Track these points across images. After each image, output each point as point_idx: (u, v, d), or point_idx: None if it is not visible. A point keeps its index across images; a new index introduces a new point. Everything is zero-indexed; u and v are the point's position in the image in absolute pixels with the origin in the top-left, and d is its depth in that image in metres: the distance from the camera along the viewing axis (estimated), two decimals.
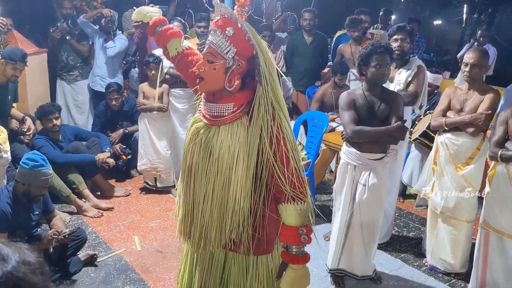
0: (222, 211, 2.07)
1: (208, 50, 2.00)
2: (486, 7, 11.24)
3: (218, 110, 2.03)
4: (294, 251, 2.05)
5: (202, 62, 2.01)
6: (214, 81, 2.01)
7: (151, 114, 4.97)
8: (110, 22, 5.76)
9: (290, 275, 2.06)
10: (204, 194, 2.08)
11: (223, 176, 2.02)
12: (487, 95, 3.42)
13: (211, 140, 2.03)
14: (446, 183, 3.58)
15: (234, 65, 1.98)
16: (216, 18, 2.02)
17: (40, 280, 0.83)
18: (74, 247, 3.55)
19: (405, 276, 3.68)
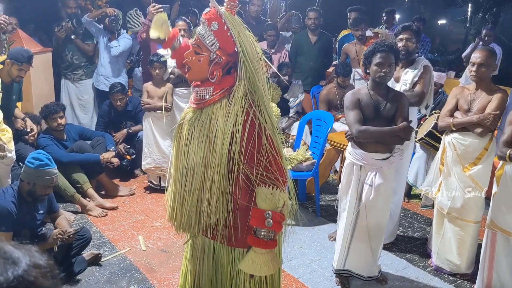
0: (200, 193, 2.15)
1: (195, 41, 2.09)
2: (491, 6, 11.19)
3: (201, 94, 2.14)
4: (262, 235, 2.06)
5: (190, 52, 2.11)
6: (199, 72, 2.12)
7: (155, 114, 4.97)
8: (114, 21, 5.76)
9: (251, 257, 2.09)
10: (186, 176, 2.17)
11: (202, 157, 2.10)
12: (495, 95, 3.40)
13: (194, 122, 2.15)
14: (453, 184, 3.56)
15: (217, 59, 2.07)
16: (206, 10, 2.08)
17: (51, 284, 0.82)
18: (78, 247, 3.55)
19: (411, 277, 3.67)
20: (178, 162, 2.22)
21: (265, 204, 2.05)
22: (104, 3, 6.09)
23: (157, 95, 4.95)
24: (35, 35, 5.93)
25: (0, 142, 3.77)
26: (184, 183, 2.18)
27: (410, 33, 3.80)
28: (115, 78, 5.88)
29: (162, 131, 5.02)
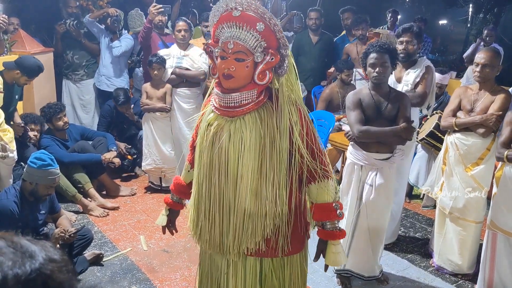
0: (258, 205, 2.01)
1: (236, 48, 1.94)
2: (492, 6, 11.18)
3: (242, 98, 2.00)
4: (329, 227, 2.13)
5: (230, 62, 1.95)
6: (244, 78, 1.98)
7: (155, 115, 4.97)
8: (116, 22, 5.76)
9: (333, 251, 2.14)
10: (235, 190, 2.02)
11: (256, 164, 1.98)
12: (498, 95, 3.39)
13: (239, 131, 2.00)
14: (455, 184, 3.56)
15: (267, 59, 1.95)
16: (235, 13, 1.92)
17: (67, 278, 0.83)
18: (80, 247, 3.56)
19: (412, 277, 3.67)
20: (212, 178, 2.06)
21: (329, 196, 2.12)
22: (106, 3, 6.09)
23: (156, 95, 4.95)
24: (36, 35, 5.93)
25: (2, 142, 3.78)
26: (229, 198, 2.03)
27: (411, 35, 3.79)
28: (117, 78, 5.88)
29: (162, 132, 5.03)
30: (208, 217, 2.10)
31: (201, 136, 2.11)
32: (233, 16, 1.93)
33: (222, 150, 2.02)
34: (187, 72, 5.00)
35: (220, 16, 1.96)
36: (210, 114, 2.10)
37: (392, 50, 3.27)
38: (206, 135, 2.08)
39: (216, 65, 2.03)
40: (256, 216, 2.01)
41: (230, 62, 1.96)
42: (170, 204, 2.53)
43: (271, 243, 2.07)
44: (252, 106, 2.00)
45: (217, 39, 2.01)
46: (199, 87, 5.19)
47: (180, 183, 2.46)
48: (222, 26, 1.97)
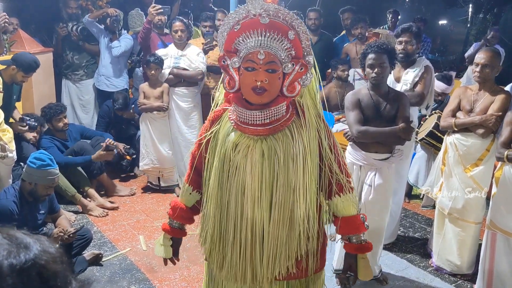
0: (292, 227, 1.89)
1: (268, 59, 1.77)
2: (492, 6, 11.19)
3: (273, 114, 1.85)
4: (355, 241, 2.07)
5: (261, 74, 1.78)
6: (275, 90, 1.83)
7: (152, 114, 4.97)
8: (115, 22, 5.76)
9: (363, 265, 2.10)
10: (270, 215, 1.87)
11: (292, 186, 1.85)
12: (498, 96, 3.38)
13: (272, 151, 1.84)
14: (454, 184, 3.55)
15: (296, 69, 1.82)
16: (263, 20, 1.77)
17: (61, 268, 0.85)
18: (79, 247, 3.56)
19: (411, 277, 3.67)
20: (242, 205, 1.88)
21: (354, 209, 2.06)
22: (105, 4, 6.09)
23: (154, 95, 4.95)
24: (36, 35, 5.93)
25: (1, 142, 3.78)
26: (262, 223, 1.88)
27: (410, 35, 3.79)
28: (116, 78, 5.88)
29: (160, 132, 5.03)
30: (237, 247, 1.92)
31: (222, 158, 1.91)
32: (262, 23, 1.77)
33: (256, 173, 1.85)
34: (185, 72, 5.00)
35: (242, 24, 1.80)
36: (230, 134, 1.91)
37: (390, 50, 3.27)
38: (230, 157, 1.88)
39: (233, 78, 1.86)
40: (290, 239, 1.90)
41: (262, 74, 1.78)
42: (171, 232, 2.22)
43: (301, 264, 1.98)
44: (285, 122, 1.87)
45: (235, 49, 1.84)
46: (197, 86, 5.20)
47: (181, 208, 2.19)
48: (246, 35, 1.79)
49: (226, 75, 1.89)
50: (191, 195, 2.17)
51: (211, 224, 1.98)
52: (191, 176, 2.11)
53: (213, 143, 1.96)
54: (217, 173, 1.92)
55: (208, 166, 1.99)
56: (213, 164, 1.94)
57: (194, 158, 2.09)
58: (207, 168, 2.00)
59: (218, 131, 1.95)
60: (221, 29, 1.90)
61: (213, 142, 1.96)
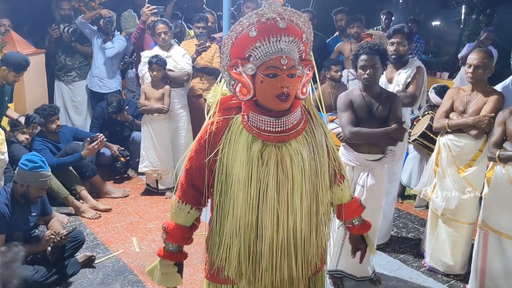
0: (318, 228, 1.92)
1: (290, 63, 1.75)
2: (485, 8, 11.23)
3: (294, 118, 1.85)
4: (358, 222, 2.20)
5: (286, 79, 1.75)
6: (293, 95, 1.83)
7: (153, 116, 4.94)
8: (109, 23, 5.75)
9: (370, 242, 2.23)
10: (301, 222, 1.86)
11: (317, 184, 1.88)
12: (491, 97, 3.39)
13: (297, 156, 1.83)
14: (447, 185, 3.56)
15: (305, 72, 1.84)
16: (281, 24, 1.74)
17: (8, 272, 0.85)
18: (72, 249, 3.54)
19: (404, 277, 3.67)
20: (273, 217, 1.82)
21: (349, 193, 2.19)
22: (98, 5, 6.08)
23: (155, 96, 4.92)
24: (29, 36, 5.92)
25: None
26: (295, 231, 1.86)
27: (402, 36, 3.80)
28: (110, 79, 5.87)
29: (160, 134, 5.00)
30: (274, 256, 1.87)
31: (248, 170, 1.81)
32: (280, 27, 1.74)
33: (289, 180, 1.82)
34: (171, 73, 5.00)
35: (258, 29, 1.73)
36: (253, 144, 1.83)
37: (382, 51, 3.28)
38: (258, 167, 1.81)
39: (248, 85, 1.79)
40: (316, 240, 1.93)
41: (287, 79, 1.75)
42: (173, 257, 2.04)
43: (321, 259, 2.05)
44: (304, 125, 1.88)
45: (248, 55, 1.77)
46: (183, 88, 5.20)
47: (180, 229, 2.02)
48: (264, 40, 1.74)
49: (237, 82, 1.81)
50: (190, 214, 2.01)
51: (237, 242, 1.86)
52: (189, 194, 1.99)
53: (228, 157, 1.85)
54: (242, 187, 1.82)
55: (222, 181, 1.87)
56: (232, 178, 1.84)
57: (190, 175, 1.96)
58: (220, 184, 1.87)
59: (231, 143, 1.85)
60: (230, 35, 1.80)
61: (227, 156, 1.85)
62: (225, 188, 1.87)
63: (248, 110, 1.85)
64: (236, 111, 1.92)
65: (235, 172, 1.83)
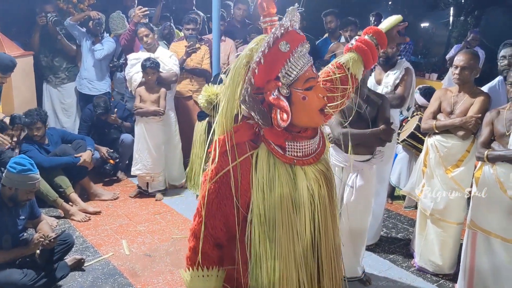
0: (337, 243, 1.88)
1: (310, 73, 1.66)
2: (473, 9, 11.32)
3: (319, 137, 1.78)
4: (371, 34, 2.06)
5: (322, 88, 1.69)
6: None
7: (147, 119, 4.92)
8: (98, 25, 5.72)
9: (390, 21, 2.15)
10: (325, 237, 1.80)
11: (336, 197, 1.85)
12: (478, 98, 3.43)
13: (327, 177, 1.78)
14: (435, 185, 3.59)
15: None
16: (299, 30, 1.66)
17: None
18: (61, 252, 3.51)
19: (394, 277, 3.69)
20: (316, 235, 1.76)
21: None
22: (87, 7, 6.05)
23: (150, 99, 4.90)
24: (17, 38, 5.86)
25: None
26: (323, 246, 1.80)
27: None
28: (99, 81, 5.84)
29: (154, 137, 4.98)
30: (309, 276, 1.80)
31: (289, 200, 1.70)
32: (301, 34, 1.66)
33: (325, 201, 1.75)
34: (160, 74, 4.98)
35: (288, 40, 1.61)
36: (296, 174, 1.72)
37: None
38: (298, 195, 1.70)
39: (288, 110, 1.61)
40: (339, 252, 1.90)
41: (321, 87, 1.68)
42: None
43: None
44: (324, 142, 1.81)
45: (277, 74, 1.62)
46: (170, 91, 5.20)
47: None
48: (296, 53, 1.62)
49: (275, 109, 1.63)
50: (219, 276, 1.82)
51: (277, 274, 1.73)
52: (213, 255, 1.79)
53: (265, 197, 1.69)
54: (291, 220, 1.70)
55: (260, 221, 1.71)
56: (274, 215, 1.69)
57: (213, 236, 1.76)
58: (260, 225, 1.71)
59: (266, 182, 1.68)
60: (257, 57, 1.61)
61: (264, 195, 1.69)
62: (267, 234, 1.70)
63: (284, 139, 1.69)
64: (247, 145, 1.73)
65: (283, 213, 1.69)
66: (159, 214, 4.70)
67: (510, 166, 3.02)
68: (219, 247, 1.79)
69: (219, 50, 5.26)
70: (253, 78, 1.61)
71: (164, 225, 4.46)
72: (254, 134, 1.73)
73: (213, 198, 1.71)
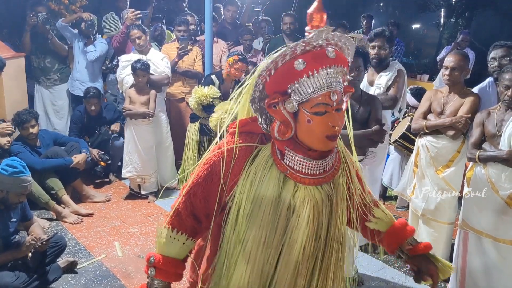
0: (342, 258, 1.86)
1: (339, 98, 1.59)
2: (463, 11, 11.42)
3: (331, 160, 1.69)
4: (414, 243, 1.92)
5: (337, 117, 1.60)
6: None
7: (136, 121, 4.90)
8: (90, 26, 5.71)
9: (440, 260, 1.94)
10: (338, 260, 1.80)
11: (343, 226, 1.79)
12: (467, 98, 3.46)
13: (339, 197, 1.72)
14: (426, 186, 3.61)
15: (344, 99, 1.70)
16: (330, 55, 1.54)
17: None
18: (53, 254, 3.50)
19: (387, 278, 3.71)
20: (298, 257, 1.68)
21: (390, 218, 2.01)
22: (79, 8, 6.03)
23: (140, 101, 4.88)
24: (9, 40, 5.83)
25: None
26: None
27: (383, 40, 3.84)
28: (91, 83, 5.82)
29: (144, 139, 4.96)
30: None
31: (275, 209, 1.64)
32: (330, 57, 1.54)
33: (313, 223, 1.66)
34: (152, 77, 4.98)
35: (305, 60, 1.52)
36: (286, 184, 1.65)
37: (365, 54, 3.32)
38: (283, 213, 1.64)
39: (290, 125, 1.58)
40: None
41: (336, 116, 1.58)
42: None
43: None
44: (338, 164, 1.72)
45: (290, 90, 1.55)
46: (161, 92, 5.20)
47: (174, 262, 1.78)
48: (313, 74, 1.52)
49: (275, 121, 1.61)
50: (185, 245, 1.78)
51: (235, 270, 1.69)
52: (186, 223, 1.76)
53: (249, 195, 1.65)
54: (263, 234, 1.64)
55: (236, 219, 1.68)
56: (251, 220, 1.65)
57: (192, 203, 1.74)
58: (234, 221, 1.68)
59: (256, 179, 1.65)
60: (267, 66, 1.57)
61: (248, 192, 1.65)
62: (239, 228, 1.67)
63: (284, 146, 1.63)
64: (259, 138, 1.71)
65: (259, 215, 1.64)
66: (151, 216, 4.69)
67: (501, 167, 3.05)
68: (195, 218, 1.76)
69: (212, 51, 5.27)
70: (263, 83, 1.59)
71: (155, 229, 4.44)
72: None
73: (206, 168, 1.70)
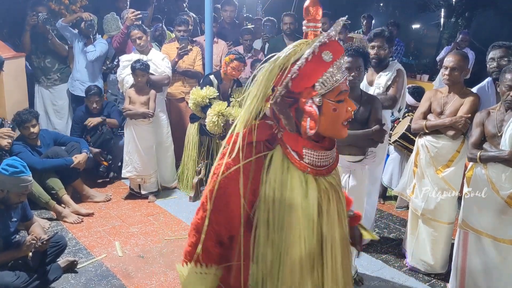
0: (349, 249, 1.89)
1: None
2: (463, 11, 11.42)
3: (333, 155, 1.73)
4: (352, 213, 2.05)
5: (351, 101, 1.68)
6: None
7: (136, 121, 4.90)
8: (90, 26, 5.71)
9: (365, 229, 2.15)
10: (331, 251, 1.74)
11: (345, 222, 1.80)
12: (467, 98, 3.47)
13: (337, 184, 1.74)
14: (426, 185, 3.62)
15: None
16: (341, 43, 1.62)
17: None
18: (53, 254, 3.50)
19: (386, 277, 3.72)
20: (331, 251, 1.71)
21: None
22: (79, 8, 6.04)
23: (139, 101, 4.89)
24: (9, 40, 5.84)
25: None
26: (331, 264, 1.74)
27: (382, 40, 3.84)
28: (91, 83, 5.82)
29: (144, 139, 4.97)
30: None
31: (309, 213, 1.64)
32: (342, 46, 1.63)
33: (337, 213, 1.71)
34: (152, 77, 4.98)
35: (331, 51, 1.59)
36: (307, 183, 1.65)
37: (365, 54, 3.33)
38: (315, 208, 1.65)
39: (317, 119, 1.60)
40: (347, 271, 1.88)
41: (350, 100, 1.68)
42: None
43: None
44: (338, 157, 1.77)
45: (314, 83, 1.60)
46: (162, 92, 5.20)
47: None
48: (336, 64, 1.62)
49: (307, 117, 1.61)
50: (215, 275, 1.74)
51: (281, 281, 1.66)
52: (214, 252, 1.72)
53: (275, 198, 1.63)
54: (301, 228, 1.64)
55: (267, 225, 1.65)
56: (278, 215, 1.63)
57: (216, 233, 1.69)
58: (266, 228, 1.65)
59: (278, 186, 1.63)
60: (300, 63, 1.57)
61: (274, 196, 1.63)
62: (272, 239, 1.65)
63: (302, 146, 1.64)
64: (264, 145, 1.69)
65: (293, 220, 1.63)
66: (152, 216, 4.70)
67: (501, 167, 3.05)
68: (221, 245, 1.72)
69: (212, 51, 5.28)
70: (291, 82, 1.59)
71: (157, 227, 4.46)
72: (271, 135, 1.69)
73: (221, 194, 1.64)
